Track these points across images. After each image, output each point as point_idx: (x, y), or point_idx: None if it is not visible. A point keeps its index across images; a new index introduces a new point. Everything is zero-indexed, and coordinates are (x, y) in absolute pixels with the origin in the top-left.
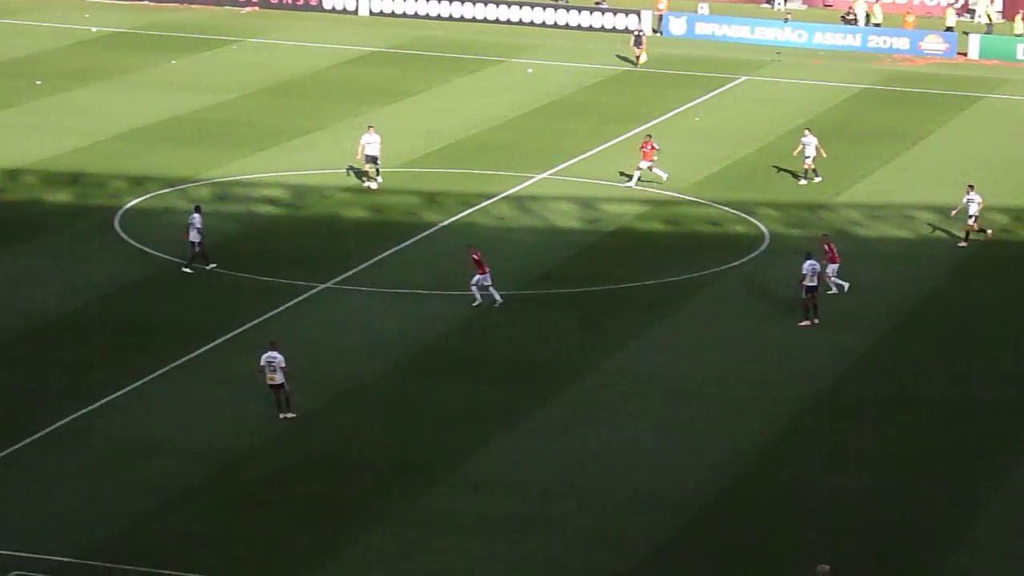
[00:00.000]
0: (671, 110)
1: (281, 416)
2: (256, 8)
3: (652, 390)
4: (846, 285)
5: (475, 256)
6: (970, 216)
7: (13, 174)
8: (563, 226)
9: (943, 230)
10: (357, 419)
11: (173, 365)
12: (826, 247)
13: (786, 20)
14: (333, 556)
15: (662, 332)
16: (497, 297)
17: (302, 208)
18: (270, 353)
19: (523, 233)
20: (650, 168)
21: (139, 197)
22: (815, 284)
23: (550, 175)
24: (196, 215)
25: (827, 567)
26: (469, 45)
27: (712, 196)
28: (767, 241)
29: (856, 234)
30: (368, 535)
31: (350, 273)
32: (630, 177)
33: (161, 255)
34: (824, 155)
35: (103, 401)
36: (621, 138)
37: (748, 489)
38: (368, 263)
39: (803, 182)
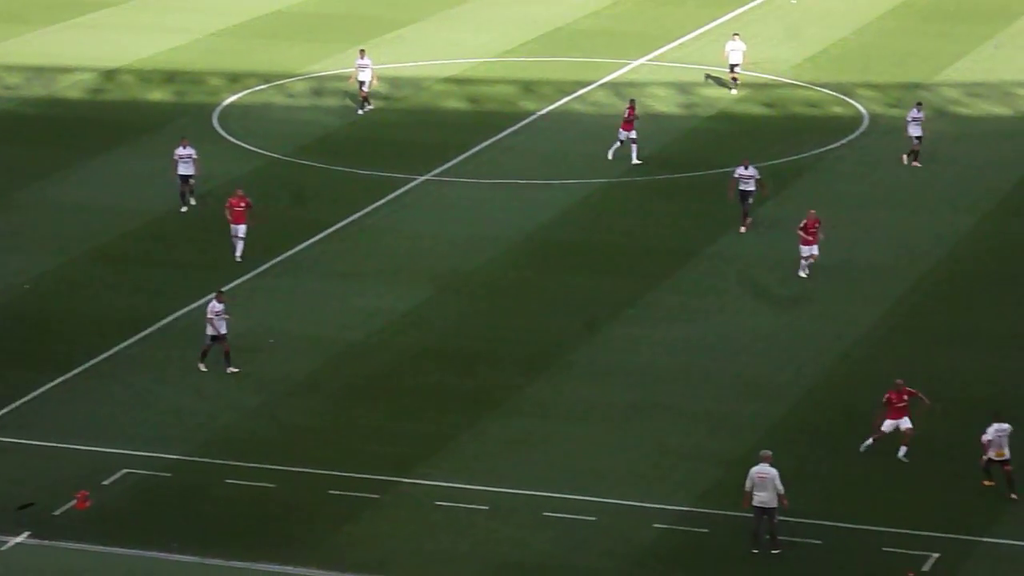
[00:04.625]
0: None
1: None
2: None
3: (756, 274)
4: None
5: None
6: None
7: (110, 74)
8: (662, 111)
9: None
10: (465, 311)
11: (278, 259)
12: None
13: None
14: (445, 447)
15: (765, 215)
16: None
17: (399, 100)
18: None
19: (620, 120)
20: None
21: (236, 94)
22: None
23: (647, 61)
24: (183, 148)
25: (769, 452)
26: None
27: (810, 79)
28: (866, 122)
29: (956, 113)
30: (479, 425)
31: (449, 164)
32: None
33: (260, 151)
34: None
35: (208, 298)
36: (718, 21)
37: (855, 371)
38: (467, 154)
39: None
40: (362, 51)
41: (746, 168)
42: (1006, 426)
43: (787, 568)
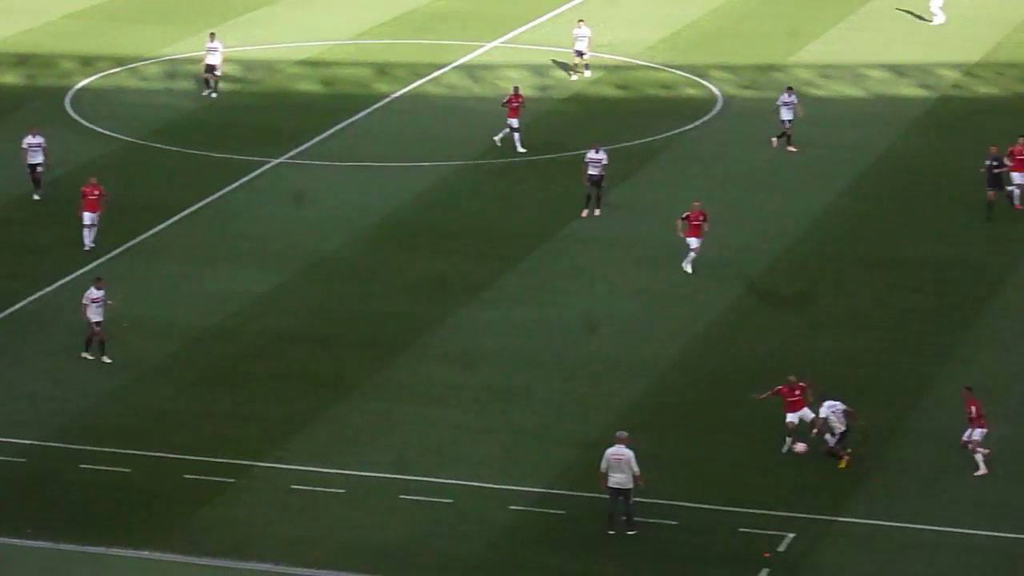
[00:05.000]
0: None
1: None
2: None
3: (611, 256)
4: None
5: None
6: None
7: None
8: None
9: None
10: (320, 294)
11: (132, 243)
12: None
13: None
14: (301, 430)
15: (619, 197)
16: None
17: (252, 83)
18: None
19: (474, 102)
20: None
21: (89, 77)
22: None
23: (501, 43)
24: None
25: (625, 433)
26: None
27: (664, 60)
28: (720, 104)
29: (809, 94)
30: (335, 408)
31: (304, 147)
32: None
33: (113, 134)
34: None
35: (62, 282)
36: (572, 3)
37: (711, 352)
38: (321, 136)
39: None
40: (212, 34)
41: (597, 152)
42: (839, 404)
43: (643, 549)
